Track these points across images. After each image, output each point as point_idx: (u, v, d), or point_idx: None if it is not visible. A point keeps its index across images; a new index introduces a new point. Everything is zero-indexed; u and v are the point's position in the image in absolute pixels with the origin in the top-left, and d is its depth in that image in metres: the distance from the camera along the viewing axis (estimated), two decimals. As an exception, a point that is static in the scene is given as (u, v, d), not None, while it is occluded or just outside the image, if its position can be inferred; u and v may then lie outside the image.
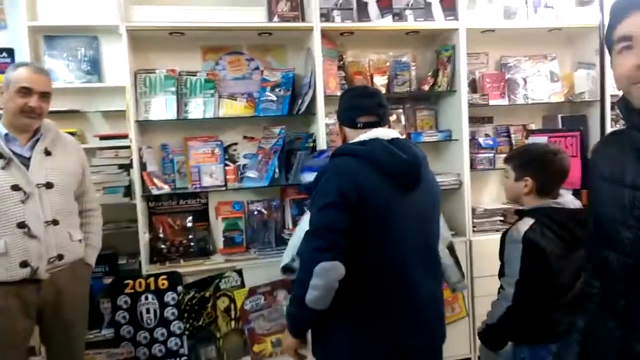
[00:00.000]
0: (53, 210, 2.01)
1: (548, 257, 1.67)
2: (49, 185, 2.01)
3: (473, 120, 3.40)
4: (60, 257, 2.03)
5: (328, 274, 1.44)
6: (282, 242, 2.97)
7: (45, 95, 2.04)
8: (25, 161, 2.00)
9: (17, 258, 1.92)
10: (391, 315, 1.52)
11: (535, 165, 1.80)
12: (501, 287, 1.82)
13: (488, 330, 1.82)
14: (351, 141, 1.64)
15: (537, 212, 1.77)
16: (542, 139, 2.29)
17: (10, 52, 2.80)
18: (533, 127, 3.45)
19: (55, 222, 2.01)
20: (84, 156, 2.30)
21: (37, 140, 2.06)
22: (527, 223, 1.73)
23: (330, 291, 1.45)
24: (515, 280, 1.71)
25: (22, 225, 1.93)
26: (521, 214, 1.82)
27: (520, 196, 1.85)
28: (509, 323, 1.75)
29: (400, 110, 3.35)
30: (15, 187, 1.93)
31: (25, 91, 1.98)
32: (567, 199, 1.80)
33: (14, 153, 1.98)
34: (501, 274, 1.85)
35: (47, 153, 2.06)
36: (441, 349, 1.72)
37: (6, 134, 2.00)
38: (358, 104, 1.68)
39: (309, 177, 2.52)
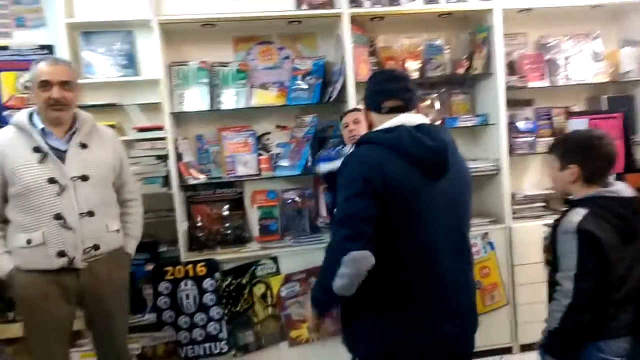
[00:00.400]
0: (88, 202, 2.05)
1: (604, 248, 1.58)
2: (84, 178, 2.05)
3: (511, 103, 3.29)
4: (96, 247, 2.08)
5: (358, 263, 1.43)
6: (316, 230, 2.98)
7: (66, 85, 2.05)
8: (62, 155, 2.05)
9: (54, 248, 1.99)
10: (420, 303, 1.50)
11: (580, 153, 1.70)
12: (556, 284, 1.69)
13: (553, 336, 1.67)
14: (376, 128, 1.61)
15: (589, 202, 1.67)
16: (582, 122, 2.19)
17: (50, 49, 2.91)
18: (576, 109, 3.31)
19: (90, 214, 2.05)
20: (122, 148, 2.34)
21: (74, 133, 2.10)
22: (580, 213, 1.64)
23: (358, 279, 1.45)
24: (573, 274, 1.61)
25: (58, 217, 1.99)
26: (572, 205, 1.72)
27: (568, 186, 1.74)
28: (574, 321, 1.62)
29: (435, 95, 3.28)
30: (52, 180, 1.99)
31: (45, 84, 2.01)
32: (620, 187, 1.70)
33: (51, 147, 2.03)
34: (554, 269, 1.73)
35: (83, 146, 2.10)
36: (473, 338, 1.68)
37: (43, 129, 2.05)
38: (384, 88, 1.63)
39: (324, 167, 2.57)
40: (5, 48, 2.88)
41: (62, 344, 2.11)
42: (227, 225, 3.08)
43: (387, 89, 1.62)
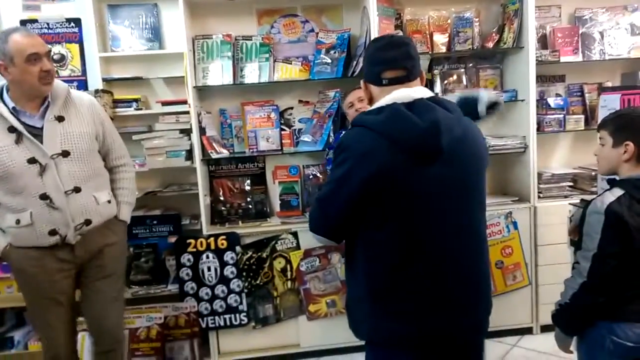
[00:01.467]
0: (73, 178, 1.99)
1: (632, 233, 1.52)
2: (65, 154, 1.97)
3: (542, 79, 3.20)
4: (87, 222, 2.03)
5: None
6: (337, 206, 2.97)
7: (49, 55, 1.96)
8: (38, 132, 1.95)
9: (45, 228, 1.96)
10: (415, 294, 1.41)
11: (637, 128, 1.62)
12: (576, 261, 1.66)
13: (561, 311, 1.68)
14: (375, 104, 1.45)
15: (628, 183, 1.60)
16: (615, 97, 2.10)
17: (77, 21, 2.94)
18: (610, 85, 3.18)
19: (77, 190, 1.99)
20: (102, 113, 2.19)
21: (47, 107, 1.99)
22: (615, 194, 1.58)
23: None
24: (592, 254, 1.57)
25: (44, 196, 1.93)
26: (612, 184, 1.66)
27: (618, 164, 1.66)
28: (584, 301, 1.60)
29: (462, 70, 3.19)
30: (32, 160, 1.91)
31: (36, 57, 1.89)
32: None
33: (25, 125, 1.94)
34: (577, 247, 1.69)
35: (59, 119, 1.99)
36: (479, 328, 1.54)
37: (13, 107, 1.95)
38: (382, 57, 1.44)
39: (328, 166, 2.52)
40: (34, 21, 2.92)
41: (63, 316, 2.09)
42: (249, 199, 3.10)
43: (387, 57, 1.44)
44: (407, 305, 1.42)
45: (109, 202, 2.15)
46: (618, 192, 1.59)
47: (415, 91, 1.42)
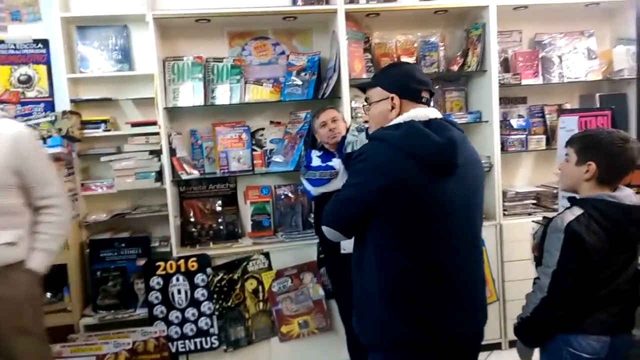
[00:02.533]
0: None
1: (589, 251, 1.57)
2: None
3: (505, 101, 3.31)
4: None
5: (336, 238, 1.61)
6: (308, 226, 2.99)
7: None
8: None
9: None
10: (430, 300, 1.50)
11: (601, 150, 1.65)
12: (537, 277, 1.72)
13: (522, 324, 1.73)
14: (392, 121, 1.56)
15: (587, 203, 1.64)
16: (573, 119, 2.20)
17: (45, 42, 2.91)
18: (568, 107, 3.32)
19: None
20: (28, 147, 1.93)
21: None
22: (574, 213, 1.62)
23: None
24: (552, 270, 1.62)
25: None
26: (572, 202, 1.71)
27: (579, 183, 1.70)
28: (544, 316, 1.66)
29: (429, 92, 3.29)
30: None
31: None
32: (625, 193, 1.66)
33: None
34: (539, 263, 1.75)
35: None
36: (482, 334, 1.66)
37: None
38: (423, 78, 1.61)
39: (318, 189, 2.49)
40: (0, 42, 2.88)
41: None
42: (220, 220, 3.09)
43: (425, 79, 1.62)
44: (419, 310, 1.50)
45: (11, 244, 1.86)
46: (577, 211, 1.64)
47: (430, 111, 1.57)
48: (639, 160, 1.68)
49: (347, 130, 2.48)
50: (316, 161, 2.57)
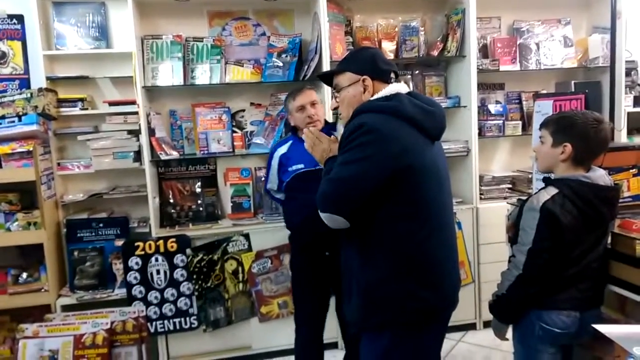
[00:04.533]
0: None
1: (563, 229, 1.63)
2: None
3: (483, 86, 3.36)
4: None
5: (333, 222, 1.52)
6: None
7: None
8: None
9: None
10: (439, 264, 1.57)
11: (576, 132, 1.69)
12: (512, 255, 1.78)
13: (498, 301, 1.79)
14: (375, 96, 1.60)
15: (562, 183, 1.69)
16: (548, 103, 2.25)
17: (20, 18, 2.84)
18: (545, 92, 3.39)
19: None
20: None
21: None
22: (549, 193, 1.67)
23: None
24: (527, 249, 1.68)
25: None
26: (548, 183, 1.76)
27: (556, 163, 1.75)
28: (519, 292, 1.71)
29: (409, 77, 3.31)
30: None
31: None
32: (598, 174, 1.72)
33: None
34: (514, 241, 1.80)
35: None
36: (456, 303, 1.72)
37: None
38: (388, 60, 1.70)
39: (270, 184, 2.45)
40: (-29, 16, 2.80)
41: None
42: (199, 201, 3.08)
43: (390, 62, 1.72)
44: (432, 276, 1.55)
45: None
46: (552, 190, 1.69)
47: (404, 86, 1.64)
48: (611, 141, 1.74)
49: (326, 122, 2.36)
50: (274, 170, 2.40)
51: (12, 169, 2.58)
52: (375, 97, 1.60)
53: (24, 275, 2.65)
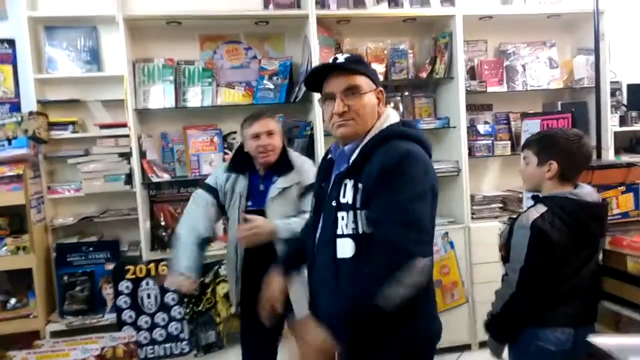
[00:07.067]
0: None
1: (554, 247, 1.64)
2: None
3: (472, 107, 3.41)
4: None
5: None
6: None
7: None
8: None
9: None
10: (431, 286, 1.49)
11: (560, 149, 1.72)
12: (505, 273, 1.78)
13: (493, 320, 1.78)
14: (389, 120, 1.45)
15: (550, 201, 1.70)
16: (535, 122, 2.29)
17: (11, 42, 2.85)
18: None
19: None
20: None
21: None
22: (538, 211, 1.68)
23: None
24: (520, 267, 1.68)
25: None
26: (537, 201, 1.77)
27: (542, 182, 1.77)
28: (513, 310, 1.71)
29: (399, 98, 3.36)
30: None
31: None
32: (585, 191, 1.74)
33: None
34: (506, 260, 1.80)
35: None
36: None
37: None
38: None
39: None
40: (-38, 40, 2.81)
41: None
42: (191, 224, 3.05)
43: None
44: (433, 300, 1.49)
45: None
46: (541, 208, 1.70)
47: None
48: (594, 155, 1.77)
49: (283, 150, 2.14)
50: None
51: (1, 192, 2.56)
52: (391, 122, 1.44)
53: (12, 301, 2.61)
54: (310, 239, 1.54)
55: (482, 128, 3.34)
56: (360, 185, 1.36)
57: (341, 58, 1.43)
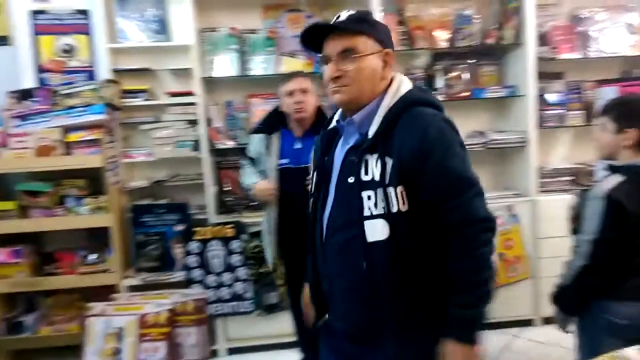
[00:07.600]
0: None
1: (630, 218, 1.57)
2: None
3: (542, 75, 3.24)
4: None
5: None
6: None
7: None
8: None
9: None
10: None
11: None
12: (576, 245, 1.72)
13: (561, 292, 1.74)
14: (404, 84, 1.33)
15: (628, 170, 1.64)
16: (612, 90, 2.17)
17: (86, 13, 2.98)
18: (607, 81, 3.25)
19: None
20: None
21: None
22: (614, 180, 1.62)
23: None
24: (592, 238, 1.62)
25: None
26: (613, 170, 1.70)
27: (618, 151, 1.70)
28: (583, 283, 1.66)
29: (463, 66, 3.26)
30: None
31: None
32: None
33: None
34: (577, 232, 1.73)
35: None
36: None
37: None
38: None
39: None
40: (43, 12, 2.96)
41: None
42: (254, 190, 3.14)
43: None
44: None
45: None
46: (617, 178, 1.63)
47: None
48: None
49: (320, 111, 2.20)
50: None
51: (80, 155, 2.72)
52: (408, 87, 1.33)
53: (92, 256, 2.79)
54: (314, 224, 1.40)
55: (552, 97, 3.19)
56: (389, 160, 1.23)
57: (344, 16, 1.29)
